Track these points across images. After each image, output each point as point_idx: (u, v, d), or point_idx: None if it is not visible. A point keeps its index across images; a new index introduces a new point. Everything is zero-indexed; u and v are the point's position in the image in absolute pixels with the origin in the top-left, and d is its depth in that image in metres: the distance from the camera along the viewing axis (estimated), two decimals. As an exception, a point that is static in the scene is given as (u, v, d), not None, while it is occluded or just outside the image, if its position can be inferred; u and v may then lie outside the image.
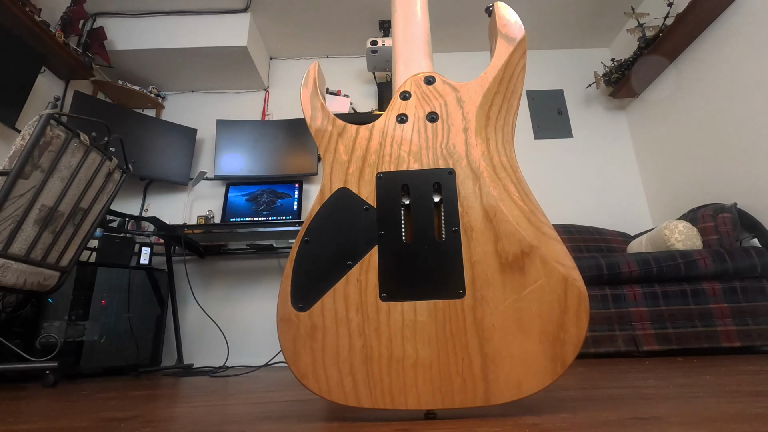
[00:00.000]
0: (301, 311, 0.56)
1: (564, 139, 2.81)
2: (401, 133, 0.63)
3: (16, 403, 0.89)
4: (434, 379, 0.51)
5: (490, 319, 0.52)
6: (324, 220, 0.60)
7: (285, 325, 0.56)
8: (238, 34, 2.54)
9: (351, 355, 0.54)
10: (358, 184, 0.61)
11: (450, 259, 0.55)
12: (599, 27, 2.84)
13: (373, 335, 0.54)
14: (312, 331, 0.55)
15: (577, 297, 0.51)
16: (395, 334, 0.54)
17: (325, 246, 0.58)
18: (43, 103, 2.26)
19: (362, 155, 0.62)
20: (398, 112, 0.64)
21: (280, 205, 2.53)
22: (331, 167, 0.62)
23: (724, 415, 0.47)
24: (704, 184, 2.18)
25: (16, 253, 1.21)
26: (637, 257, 1.62)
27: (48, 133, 1.19)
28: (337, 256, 0.58)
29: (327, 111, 0.66)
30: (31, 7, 2.01)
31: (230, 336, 2.40)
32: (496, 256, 0.54)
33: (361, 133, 0.64)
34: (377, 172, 0.61)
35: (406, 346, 0.53)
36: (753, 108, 1.88)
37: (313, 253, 0.58)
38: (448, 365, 0.52)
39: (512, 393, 0.50)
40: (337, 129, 0.65)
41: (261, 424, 0.57)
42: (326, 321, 0.55)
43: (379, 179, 0.60)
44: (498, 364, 0.51)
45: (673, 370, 1.03)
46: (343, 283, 0.57)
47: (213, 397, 0.93)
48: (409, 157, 0.61)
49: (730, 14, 2.00)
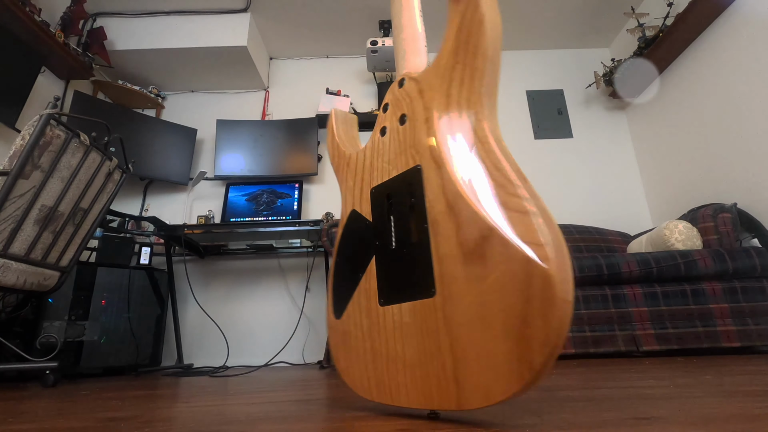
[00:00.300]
0: (337, 319, 0.67)
1: (564, 139, 2.81)
2: (383, 146, 0.64)
3: (16, 403, 0.89)
4: (418, 379, 0.51)
5: (458, 317, 0.48)
6: (344, 240, 0.68)
7: (330, 332, 0.68)
8: (238, 34, 2.54)
9: (365, 355, 0.60)
10: (361, 204, 0.67)
11: (421, 258, 0.54)
12: (599, 27, 2.84)
13: (376, 337, 0.59)
14: (344, 336, 0.65)
15: (541, 280, 0.40)
16: (390, 336, 0.56)
17: (346, 262, 0.67)
18: (43, 103, 2.26)
19: (361, 176, 0.68)
20: (380, 125, 0.66)
21: (280, 205, 2.53)
22: (345, 195, 0.71)
23: (724, 415, 0.47)
24: (704, 184, 2.18)
25: (16, 253, 1.21)
26: (637, 257, 1.62)
27: (48, 133, 1.19)
28: (352, 270, 0.65)
29: (341, 150, 0.75)
30: (31, 7, 2.01)
31: (230, 336, 2.40)
32: (459, 247, 0.49)
33: (359, 156, 0.70)
34: (370, 189, 0.65)
35: (397, 346, 0.55)
36: (753, 108, 1.88)
37: (339, 269, 0.68)
38: (427, 366, 0.51)
39: (481, 399, 0.44)
40: (345, 160, 0.73)
41: (261, 424, 0.57)
42: (351, 326, 0.63)
43: (372, 194, 0.65)
44: (466, 366, 0.46)
45: (673, 370, 1.03)
46: (357, 292, 0.64)
47: (213, 397, 0.93)
48: (389, 166, 0.62)
49: (730, 14, 2.00)
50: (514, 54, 3.05)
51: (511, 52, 3.06)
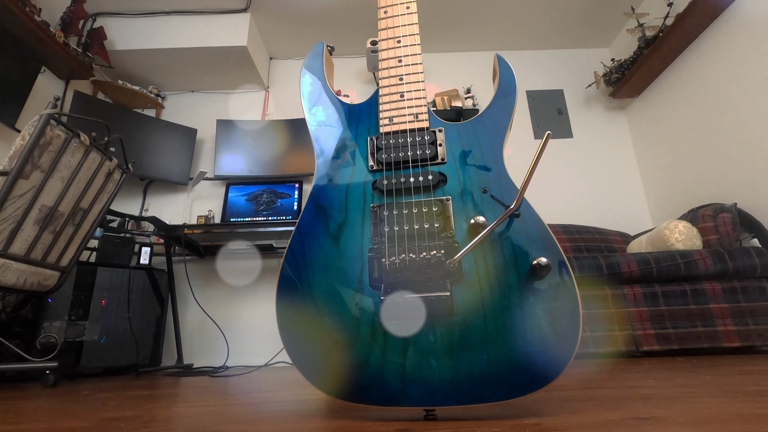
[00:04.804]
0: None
1: (564, 139, 2.81)
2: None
3: (16, 403, 0.89)
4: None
5: None
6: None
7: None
8: (238, 34, 2.54)
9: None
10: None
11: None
12: (599, 27, 2.84)
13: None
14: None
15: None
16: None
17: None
18: (43, 103, 2.26)
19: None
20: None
21: (280, 205, 2.53)
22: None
23: (724, 415, 0.47)
24: (704, 184, 2.18)
25: (16, 253, 1.21)
26: (637, 257, 1.62)
27: (48, 133, 1.19)
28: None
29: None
30: (31, 7, 2.01)
31: (230, 336, 2.39)
32: None
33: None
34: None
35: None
36: (753, 107, 1.88)
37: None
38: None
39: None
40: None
41: (261, 424, 0.57)
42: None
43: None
44: None
45: (673, 370, 1.03)
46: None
47: (213, 397, 0.93)
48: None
49: (729, 14, 2.00)
50: (514, 54, 3.05)
51: (511, 52, 3.06)
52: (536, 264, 0.53)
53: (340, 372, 0.55)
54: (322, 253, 0.62)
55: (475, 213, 0.60)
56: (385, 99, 0.74)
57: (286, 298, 0.61)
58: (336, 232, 0.64)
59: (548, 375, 0.50)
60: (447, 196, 0.63)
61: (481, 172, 0.64)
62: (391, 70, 0.77)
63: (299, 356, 0.58)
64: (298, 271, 0.62)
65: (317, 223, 0.65)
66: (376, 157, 0.69)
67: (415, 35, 0.78)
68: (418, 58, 0.76)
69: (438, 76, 2.99)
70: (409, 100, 0.73)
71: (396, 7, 0.82)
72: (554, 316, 0.52)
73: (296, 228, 0.65)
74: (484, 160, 0.64)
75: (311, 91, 0.80)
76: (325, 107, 0.78)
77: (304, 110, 0.78)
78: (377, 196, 0.65)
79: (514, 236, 0.58)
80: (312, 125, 0.76)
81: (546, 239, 0.56)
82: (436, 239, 0.60)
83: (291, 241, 0.65)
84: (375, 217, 0.63)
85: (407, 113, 0.71)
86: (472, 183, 0.63)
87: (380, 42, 0.80)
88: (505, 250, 0.57)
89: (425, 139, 0.68)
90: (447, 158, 0.66)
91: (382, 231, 0.62)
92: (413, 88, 0.74)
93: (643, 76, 2.50)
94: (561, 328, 0.52)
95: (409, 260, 0.58)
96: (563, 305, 0.53)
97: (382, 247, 0.60)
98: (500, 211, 0.59)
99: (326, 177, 0.69)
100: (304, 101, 0.79)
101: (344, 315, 0.58)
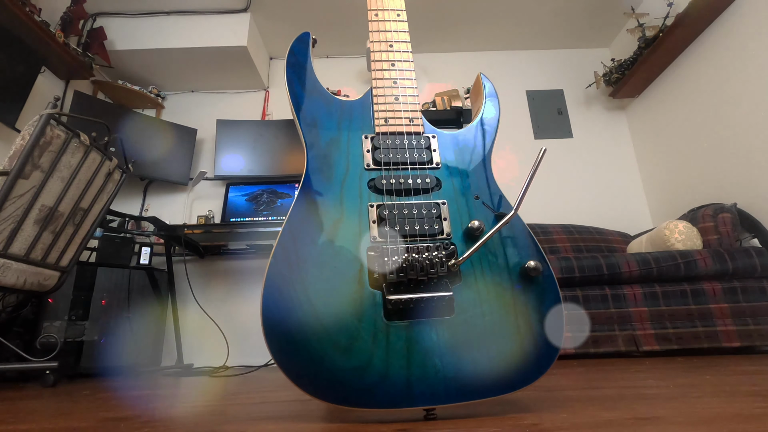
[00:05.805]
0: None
1: (564, 139, 2.81)
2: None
3: (16, 403, 0.89)
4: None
5: None
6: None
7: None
8: (238, 34, 2.54)
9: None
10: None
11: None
12: (599, 27, 2.84)
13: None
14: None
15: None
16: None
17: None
18: (43, 103, 2.26)
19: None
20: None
21: (280, 205, 2.53)
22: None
23: (724, 415, 0.47)
24: (704, 184, 2.18)
25: (16, 253, 1.21)
26: (637, 257, 1.62)
27: (48, 133, 1.19)
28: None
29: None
30: (31, 7, 2.01)
31: (230, 336, 2.39)
32: None
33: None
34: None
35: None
36: (754, 107, 1.88)
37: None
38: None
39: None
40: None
41: (261, 424, 0.57)
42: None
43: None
44: None
45: (673, 370, 1.03)
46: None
47: (213, 397, 0.93)
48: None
49: (729, 15, 2.00)
50: (514, 54, 3.05)
51: (511, 52, 3.06)
52: (526, 267, 0.59)
53: (340, 377, 0.53)
54: (317, 251, 0.59)
55: (469, 217, 0.63)
56: (380, 100, 0.74)
57: (275, 299, 0.57)
58: (331, 228, 0.61)
59: (540, 368, 0.55)
60: (443, 199, 0.65)
61: (471, 179, 0.67)
62: (384, 72, 0.77)
63: (292, 363, 0.54)
64: (290, 269, 0.58)
65: (311, 219, 0.62)
66: (372, 155, 0.68)
67: (407, 42, 0.79)
68: (411, 65, 0.77)
69: (438, 76, 2.99)
70: (404, 104, 0.73)
71: (387, 12, 0.82)
72: (541, 313, 0.58)
73: (286, 222, 0.61)
74: (474, 168, 0.69)
75: (299, 75, 0.77)
76: (313, 96, 0.76)
77: (288, 93, 0.75)
78: (374, 195, 0.65)
79: (503, 239, 0.62)
80: (302, 120, 0.73)
81: (531, 242, 0.63)
82: (436, 240, 0.61)
83: (281, 236, 0.60)
84: (374, 215, 0.63)
85: (403, 116, 0.72)
86: (464, 189, 0.66)
87: (372, 44, 0.79)
88: (497, 253, 0.61)
89: (422, 144, 0.69)
90: (441, 164, 0.68)
91: (383, 230, 0.61)
92: (408, 93, 0.74)
93: (643, 76, 2.50)
94: (548, 324, 0.57)
95: (412, 260, 0.58)
96: (548, 303, 0.59)
97: (383, 246, 0.60)
98: (490, 216, 0.64)
99: (319, 171, 0.67)
100: (289, 86, 0.75)
101: (344, 316, 0.56)
